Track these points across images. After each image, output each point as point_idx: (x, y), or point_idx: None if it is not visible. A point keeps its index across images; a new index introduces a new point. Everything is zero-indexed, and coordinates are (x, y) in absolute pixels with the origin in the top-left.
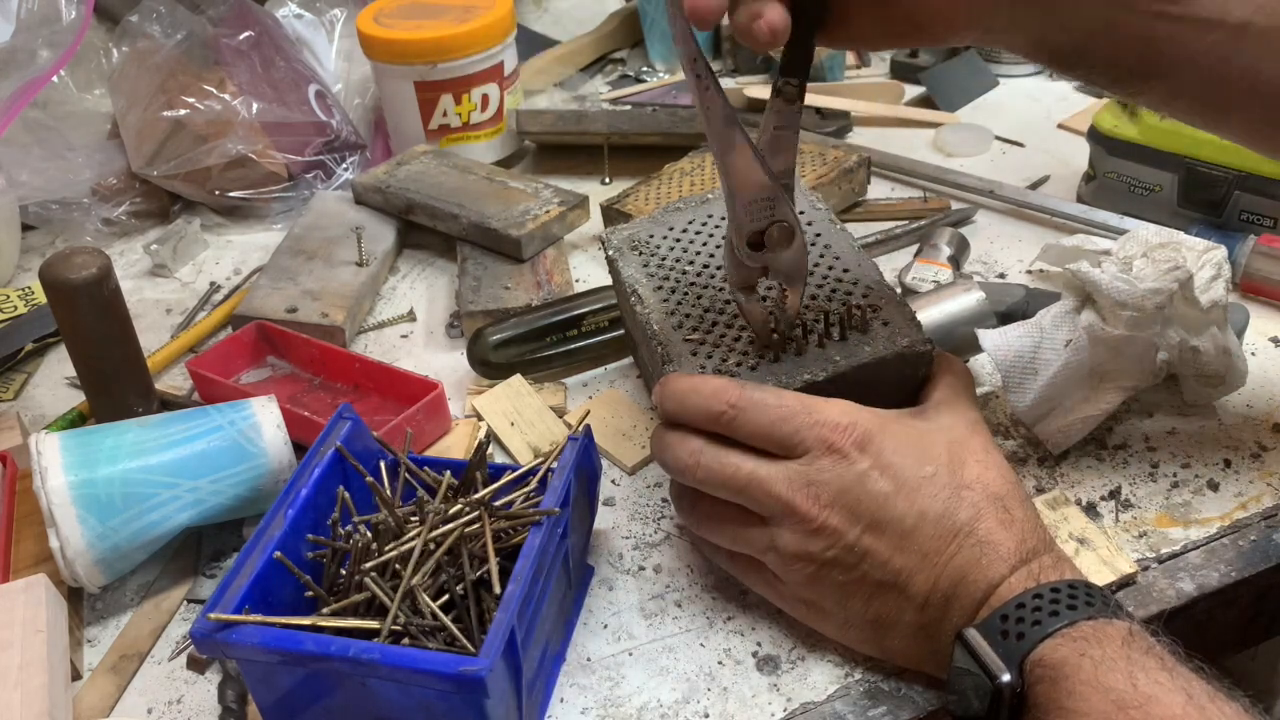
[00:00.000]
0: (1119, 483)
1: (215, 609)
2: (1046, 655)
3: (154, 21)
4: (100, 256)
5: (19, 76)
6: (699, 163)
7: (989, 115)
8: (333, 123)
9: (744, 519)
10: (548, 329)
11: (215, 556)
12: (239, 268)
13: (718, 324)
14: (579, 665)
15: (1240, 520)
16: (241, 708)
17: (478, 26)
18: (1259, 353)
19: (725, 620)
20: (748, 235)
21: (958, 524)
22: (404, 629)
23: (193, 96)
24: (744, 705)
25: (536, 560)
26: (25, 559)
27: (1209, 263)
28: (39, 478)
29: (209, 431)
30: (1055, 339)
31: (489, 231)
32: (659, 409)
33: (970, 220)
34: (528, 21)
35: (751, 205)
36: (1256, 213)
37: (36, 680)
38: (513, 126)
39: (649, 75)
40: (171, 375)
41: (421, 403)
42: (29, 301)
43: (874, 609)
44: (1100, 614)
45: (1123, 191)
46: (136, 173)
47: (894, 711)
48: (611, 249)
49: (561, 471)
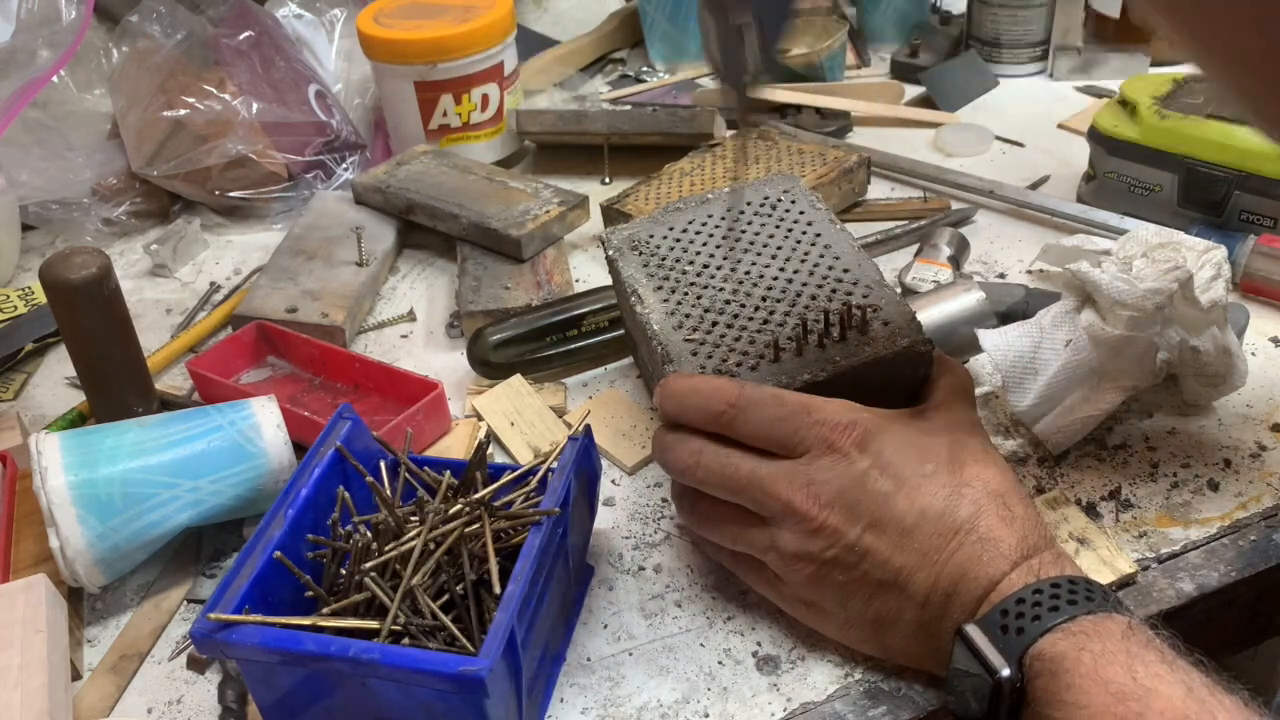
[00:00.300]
0: (1119, 483)
1: (215, 609)
2: (1046, 649)
3: (154, 21)
4: (100, 256)
5: (19, 76)
6: (699, 163)
7: (989, 115)
8: (333, 123)
9: (744, 519)
10: (548, 329)
11: (215, 556)
12: (239, 268)
13: (718, 324)
14: (579, 665)
15: (1240, 520)
16: (241, 708)
17: (478, 26)
18: (1259, 353)
19: (725, 620)
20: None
21: (958, 521)
22: (404, 629)
23: (193, 96)
24: (744, 705)
25: (536, 560)
26: (25, 559)
27: (1209, 263)
28: (39, 478)
29: (209, 431)
30: (1055, 339)
31: (489, 231)
32: (659, 409)
33: (970, 220)
34: (528, 21)
35: None
36: (1256, 213)
37: (36, 680)
38: (513, 126)
39: (649, 75)
40: (171, 375)
41: (421, 403)
42: (29, 301)
43: (874, 608)
44: (1100, 609)
45: (1123, 191)
46: (136, 173)
47: (894, 711)
48: (611, 249)
49: (561, 471)
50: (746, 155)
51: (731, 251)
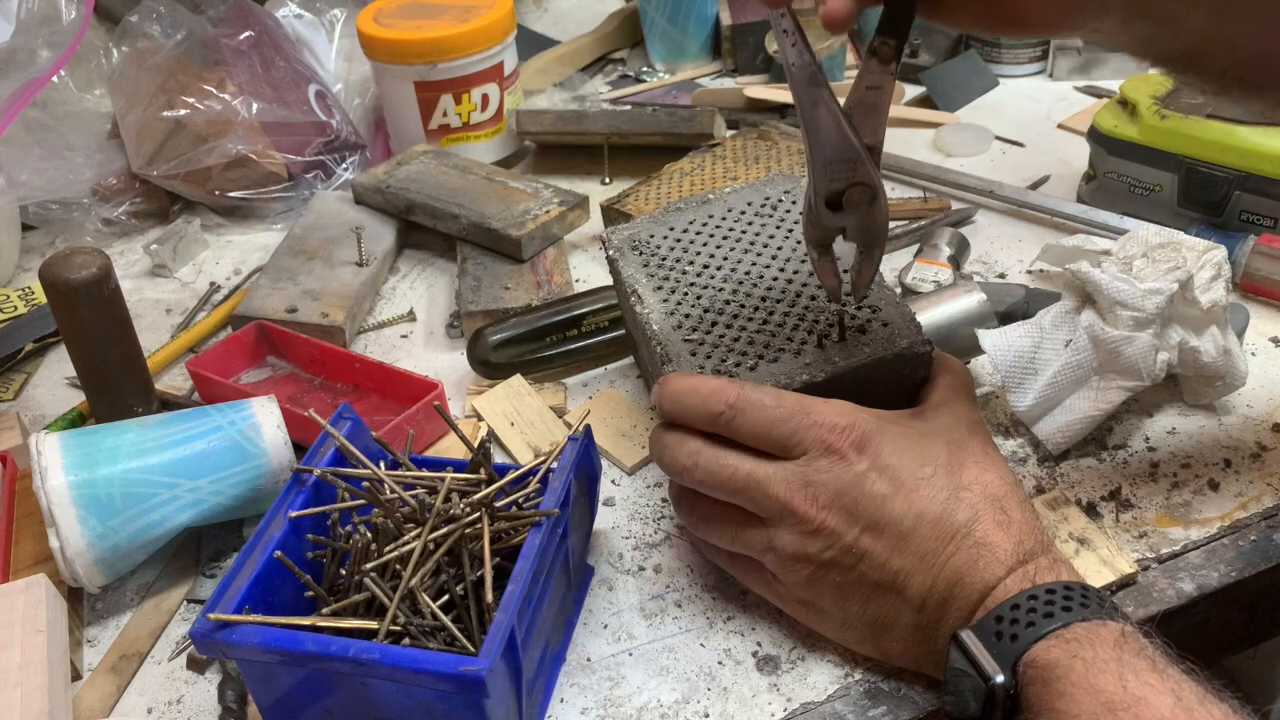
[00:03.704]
0: (1119, 483)
1: (215, 609)
2: (1039, 656)
3: (154, 21)
4: (100, 256)
5: (19, 76)
6: (699, 163)
7: (989, 115)
8: (333, 123)
9: (742, 520)
10: (548, 329)
11: (215, 556)
12: (239, 268)
13: (717, 324)
14: (579, 665)
15: (1240, 520)
16: (241, 708)
17: (478, 26)
18: (1259, 353)
19: (725, 620)
20: (826, 195)
21: (955, 525)
22: (404, 629)
23: (193, 96)
24: (744, 705)
25: (536, 561)
26: (25, 559)
27: (1209, 263)
28: (39, 478)
29: (209, 431)
30: (1055, 339)
31: (489, 231)
32: (657, 409)
33: (970, 220)
34: (528, 21)
35: (831, 165)
36: (1256, 213)
37: (36, 680)
38: (513, 126)
39: (649, 75)
40: (171, 375)
41: (421, 403)
42: (29, 301)
43: (872, 610)
44: (1094, 616)
45: (1123, 191)
46: (136, 173)
47: (894, 711)
48: (612, 249)
49: (561, 472)
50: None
51: (732, 252)
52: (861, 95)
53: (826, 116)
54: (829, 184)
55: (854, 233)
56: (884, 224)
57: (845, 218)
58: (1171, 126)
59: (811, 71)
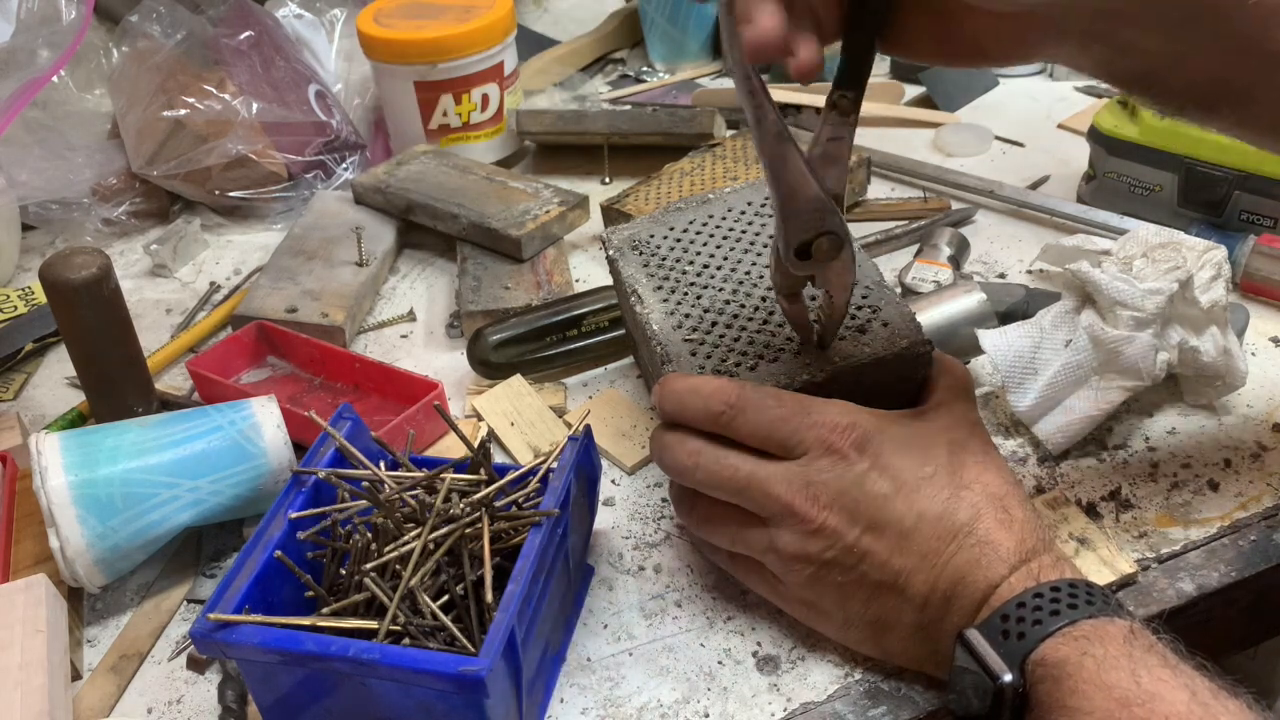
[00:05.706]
0: (1119, 483)
1: (215, 609)
2: (1048, 655)
3: (154, 21)
4: (100, 256)
5: (19, 76)
6: (699, 163)
7: (989, 115)
8: (333, 123)
9: (743, 520)
10: (548, 329)
11: (215, 556)
12: (239, 268)
13: (717, 324)
14: (579, 665)
15: (1240, 520)
16: (241, 708)
17: (478, 26)
18: (1259, 353)
19: (725, 620)
20: (795, 246)
21: (957, 524)
22: (404, 629)
23: (193, 96)
24: (744, 705)
25: (536, 561)
26: (25, 559)
27: (1209, 263)
28: (39, 478)
29: (209, 431)
30: (1055, 339)
31: (489, 231)
32: (658, 409)
33: (970, 220)
34: (528, 21)
35: (800, 216)
36: (1256, 213)
37: (36, 680)
38: (513, 126)
39: (649, 75)
40: (171, 375)
41: (421, 403)
42: (29, 301)
43: (873, 610)
44: (1101, 613)
45: (1123, 191)
46: (136, 173)
47: (894, 711)
48: (612, 249)
49: (561, 472)
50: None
51: (732, 252)
52: (824, 148)
53: (795, 171)
54: (799, 234)
55: (822, 280)
56: (851, 270)
57: (814, 265)
58: (1171, 126)
59: (779, 129)
